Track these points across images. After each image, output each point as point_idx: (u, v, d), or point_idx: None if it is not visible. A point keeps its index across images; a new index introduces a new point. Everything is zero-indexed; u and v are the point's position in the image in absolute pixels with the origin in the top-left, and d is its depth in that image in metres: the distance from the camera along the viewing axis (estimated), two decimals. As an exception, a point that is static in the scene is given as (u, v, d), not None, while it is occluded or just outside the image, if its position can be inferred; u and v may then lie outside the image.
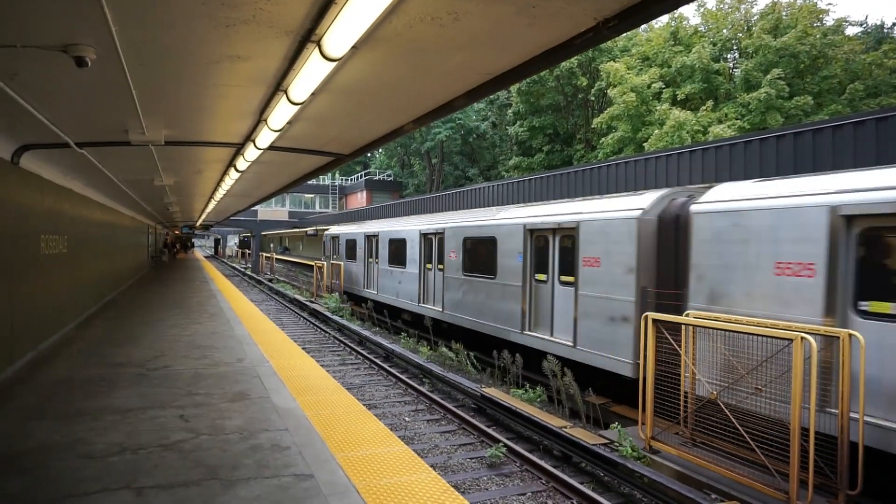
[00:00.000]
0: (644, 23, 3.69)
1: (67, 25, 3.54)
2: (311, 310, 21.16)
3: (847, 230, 6.06)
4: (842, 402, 5.32)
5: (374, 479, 4.33)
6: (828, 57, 27.88)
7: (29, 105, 5.35)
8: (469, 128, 48.75)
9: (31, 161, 7.74)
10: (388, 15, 3.33)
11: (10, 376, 7.13)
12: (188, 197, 18.72)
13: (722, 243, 7.27)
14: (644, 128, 29.01)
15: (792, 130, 10.36)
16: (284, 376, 7.43)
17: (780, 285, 6.53)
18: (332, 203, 60.74)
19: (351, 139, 7.72)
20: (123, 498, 3.84)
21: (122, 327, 11.20)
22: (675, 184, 12.30)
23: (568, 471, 7.03)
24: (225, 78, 4.80)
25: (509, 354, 10.75)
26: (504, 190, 19.88)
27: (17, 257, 7.35)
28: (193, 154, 9.27)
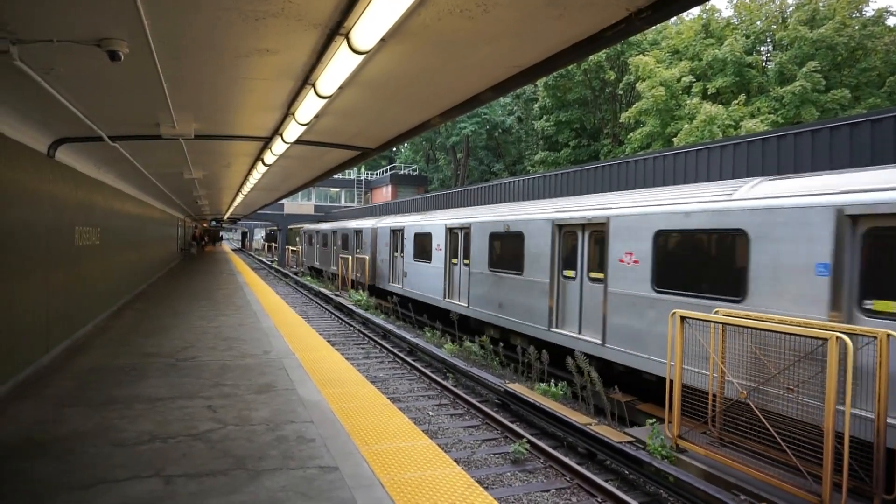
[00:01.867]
0: (677, 13, 3.60)
1: (101, 19, 3.59)
2: (336, 303, 21.33)
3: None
4: (878, 403, 5.16)
5: (399, 473, 4.34)
6: (867, 49, 27.04)
7: (64, 99, 5.46)
8: (495, 122, 48.48)
9: (66, 154, 7.92)
10: (417, 7, 3.31)
11: (45, 364, 7.32)
12: (216, 190, 18.99)
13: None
14: (673, 122, 28.51)
15: (828, 125, 10.05)
16: (310, 368, 7.49)
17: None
18: (358, 197, 61.06)
19: (377, 133, 7.73)
20: (152, 485, 3.91)
21: (153, 318, 11.42)
22: (704, 179, 12.07)
23: (592, 468, 6.97)
24: (253, 71, 4.84)
25: (535, 350, 10.66)
26: (530, 185, 19.73)
27: (53, 248, 7.53)
28: (222, 148, 9.38)
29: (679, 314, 6.70)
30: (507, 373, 11.63)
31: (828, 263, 6.27)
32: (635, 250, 8.91)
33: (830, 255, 6.26)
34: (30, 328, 6.83)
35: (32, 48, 4.01)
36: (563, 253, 10.97)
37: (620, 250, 9.20)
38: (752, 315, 6.54)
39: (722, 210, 7.59)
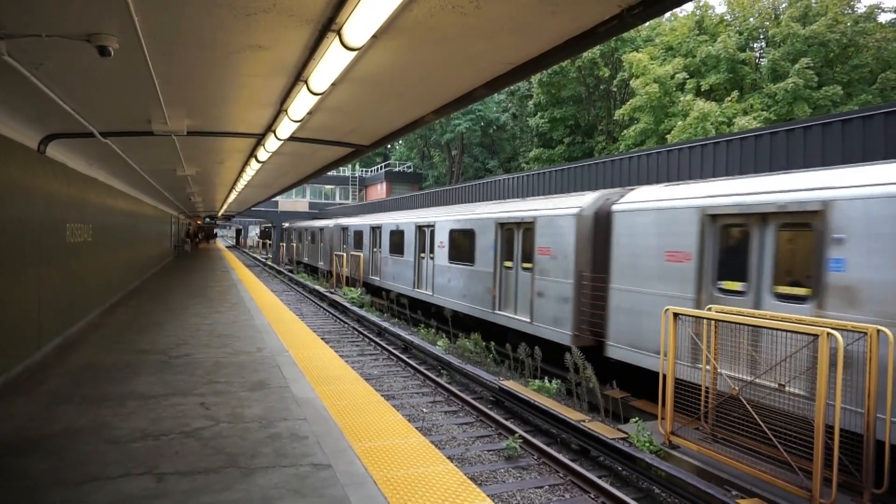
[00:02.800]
0: (669, 10, 3.60)
1: (90, 14, 3.56)
2: (330, 300, 21.30)
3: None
4: (867, 398, 5.20)
5: (392, 470, 4.34)
6: (859, 45, 27.16)
7: (54, 94, 5.42)
8: (489, 119, 48.44)
9: (57, 150, 7.86)
10: (409, 3, 3.29)
11: (38, 361, 7.28)
12: (210, 187, 18.91)
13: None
14: (667, 119, 28.59)
15: (820, 121, 10.11)
16: (303, 366, 7.49)
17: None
18: (353, 194, 60.93)
19: (371, 130, 7.71)
20: (145, 483, 3.90)
21: (146, 315, 11.38)
22: (697, 176, 12.11)
23: (585, 464, 7.00)
24: (246, 67, 4.81)
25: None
26: (523, 182, 19.75)
27: (44, 245, 7.48)
28: (215, 144, 9.34)
29: (672, 311, 6.73)
30: (502, 370, 11.65)
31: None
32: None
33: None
34: (21, 325, 6.79)
35: (21, 43, 3.97)
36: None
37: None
38: (745, 311, 6.58)
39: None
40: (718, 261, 7.76)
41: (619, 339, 9.36)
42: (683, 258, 8.09)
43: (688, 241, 8.04)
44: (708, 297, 7.73)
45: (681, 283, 8.12)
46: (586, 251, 10.44)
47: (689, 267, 8.01)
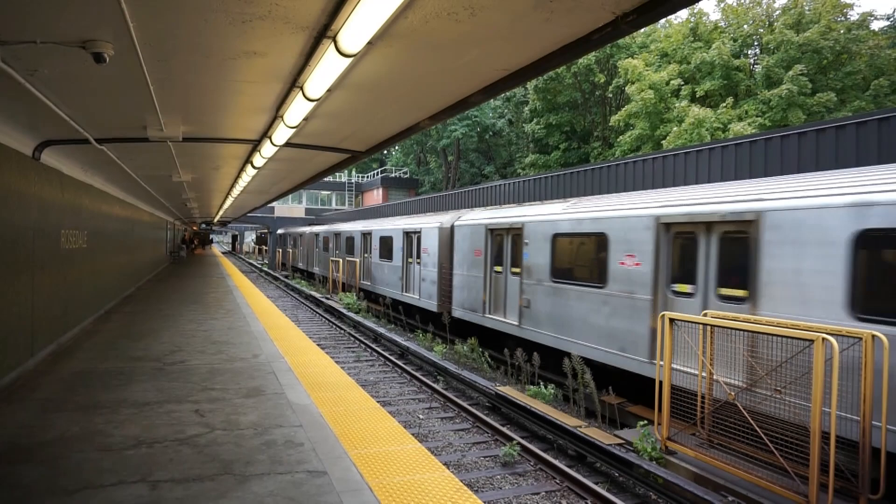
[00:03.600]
0: (663, 17, 3.62)
1: (85, 21, 3.56)
2: (326, 306, 21.26)
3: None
4: (863, 404, 5.21)
5: (387, 477, 4.33)
6: (852, 52, 27.31)
7: (49, 101, 5.41)
8: (485, 125, 48.57)
9: (52, 156, 7.85)
10: (404, 10, 3.31)
11: (31, 368, 7.24)
12: (206, 193, 18.89)
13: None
14: (662, 125, 28.69)
15: (814, 127, 10.16)
16: (299, 372, 7.46)
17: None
18: (349, 200, 60.93)
19: (367, 136, 7.72)
20: (139, 491, 3.87)
21: (141, 322, 11.33)
22: (693, 182, 12.15)
23: (582, 470, 6.98)
24: (241, 74, 4.81)
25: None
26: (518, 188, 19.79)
27: (39, 251, 7.46)
28: (211, 150, 9.33)
29: (668, 316, 6.74)
30: (498, 375, 11.63)
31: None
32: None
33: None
34: (14, 332, 6.75)
35: (15, 49, 3.97)
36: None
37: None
38: (741, 317, 6.59)
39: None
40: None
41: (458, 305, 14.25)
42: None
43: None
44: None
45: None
46: (445, 250, 14.91)
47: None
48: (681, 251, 8.23)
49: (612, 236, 9.25)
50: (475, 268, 13.64)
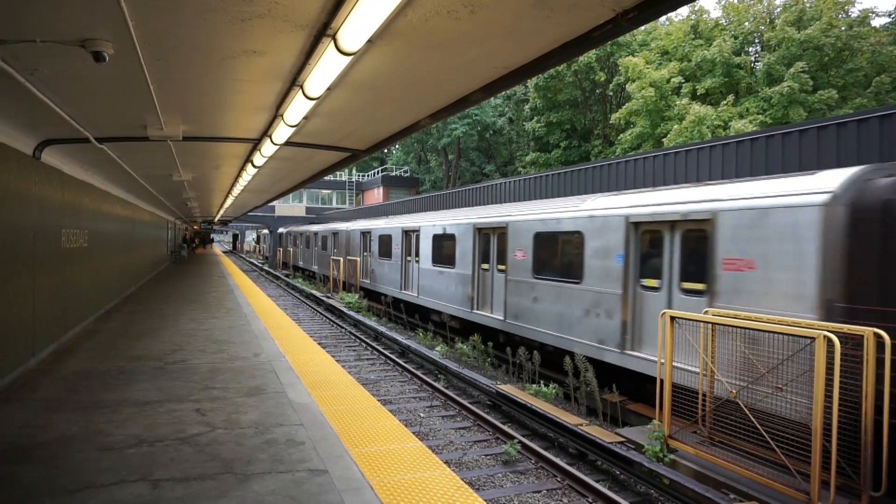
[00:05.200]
0: (663, 14, 3.61)
1: (85, 20, 3.56)
2: (327, 305, 21.26)
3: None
4: (865, 400, 5.20)
5: (388, 476, 4.33)
6: (853, 49, 27.25)
7: (49, 100, 5.40)
8: (486, 124, 48.50)
9: (52, 156, 7.84)
10: (404, 8, 3.29)
11: (32, 367, 7.25)
12: (206, 192, 18.88)
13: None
14: (663, 123, 28.64)
15: (815, 125, 10.14)
16: (300, 371, 7.46)
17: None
18: (349, 199, 60.93)
19: (367, 135, 7.71)
20: (140, 490, 3.88)
21: (142, 321, 11.34)
22: (693, 179, 12.14)
23: (583, 469, 6.98)
24: (241, 73, 4.81)
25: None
26: (519, 186, 19.77)
27: (39, 251, 7.46)
28: (211, 149, 9.33)
29: (669, 314, 6.73)
30: (499, 374, 11.63)
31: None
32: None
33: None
34: (15, 331, 6.76)
35: (15, 48, 3.96)
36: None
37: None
38: (741, 315, 6.58)
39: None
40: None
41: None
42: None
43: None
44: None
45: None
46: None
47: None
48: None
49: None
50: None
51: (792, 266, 6.56)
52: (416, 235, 17.80)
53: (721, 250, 7.34)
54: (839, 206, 6.28)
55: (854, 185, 6.40)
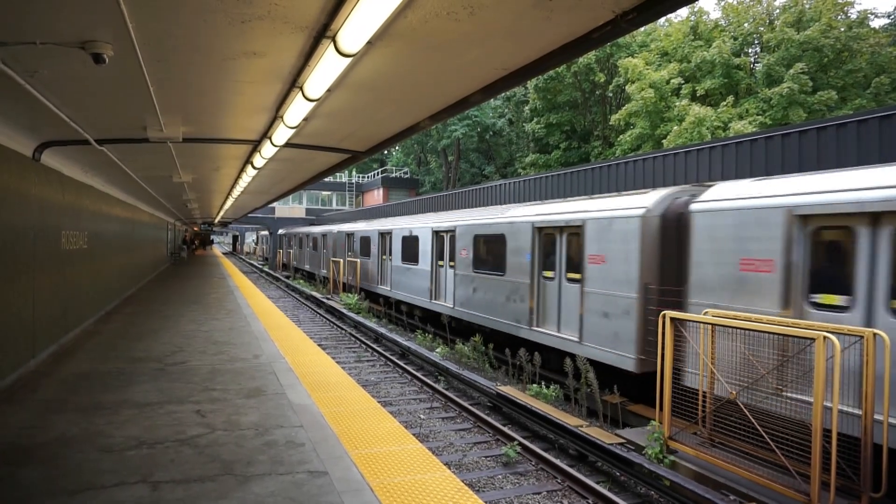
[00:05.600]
0: (663, 15, 3.61)
1: (85, 22, 3.56)
2: (327, 307, 21.26)
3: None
4: (865, 401, 5.20)
5: (388, 477, 4.32)
6: (853, 50, 27.27)
7: (49, 102, 5.41)
8: (485, 125, 48.51)
9: (52, 158, 7.85)
10: (403, 10, 3.30)
11: (32, 369, 7.25)
12: (206, 193, 18.89)
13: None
14: (663, 124, 28.64)
15: (815, 126, 10.15)
16: (300, 373, 7.46)
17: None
18: (349, 200, 60.93)
19: (367, 136, 7.71)
20: (139, 492, 3.87)
21: (142, 322, 11.34)
22: (693, 180, 12.15)
23: (584, 470, 6.98)
24: (241, 74, 4.81)
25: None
26: (518, 187, 19.80)
27: (39, 252, 7.46)
28: (211, 151, 9.33)
29: (669, 315, 6.72)
30: (499, 375, 11.63)
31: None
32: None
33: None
34: (15, 333, 6.76)
35: (15, 51, 3.96)
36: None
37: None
38: (741, 315, 6.58)
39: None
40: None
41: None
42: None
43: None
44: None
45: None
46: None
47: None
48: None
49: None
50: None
51: (623, 259, 9.03)
52: (390, 237, 20.32)
53: (588, 249, 9.80)
54: (652, 217, 8.76)
55: (663, 202, 8.83)
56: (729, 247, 7.31)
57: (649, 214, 8.77)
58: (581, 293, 9.92)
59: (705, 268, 7.62)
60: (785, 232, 6.61)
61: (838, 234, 6.39)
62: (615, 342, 9.10)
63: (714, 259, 7.51)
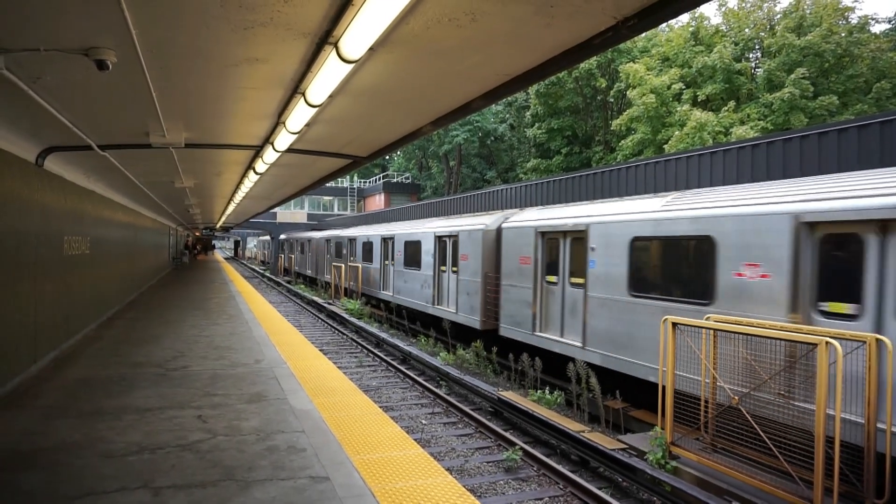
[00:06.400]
0: (664, 21, 3.62)
1: (88, 28, 3.58)
2: (328, 311, 21.25)
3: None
4: (867, 407, 5.18)
5: (390, 483, 4.31)
6: (854, 55, 27.31)
7: (52, 108, 5.43)
8: (487, 130, 48.61)
9: (55, 163, 7.87)
10: (406, 16, 3.31)
11: (33, 374, 7.25)
12: (208, 199, 18.92)
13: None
14: (664, 129, 28.68)
15: (816, 131, 10.15)
16: (301, 378, 7.45)
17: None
18: (351, 205, 61.01)
19: (368, 141, 7.73)
20: (141, 497, 3.87)
21: (143, 327, 11.34)
22: (695, 185, 12.16)
23: (586, 475, 6.96)
24: (243, 80, 4.83)
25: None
26: (520, 193, 19.81)
27: (41, 258, 7.47)
28: (213, 156, 9.36)
29: (671, 320, 6.71)
30: (501, 380, 11.61)
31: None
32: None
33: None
34: (17, 338, 6.76)
35: (19, 57, 3.99)
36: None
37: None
38: (743, 321, 6.57)
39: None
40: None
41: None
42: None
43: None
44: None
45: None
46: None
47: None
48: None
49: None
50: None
51: (475, 256, 13.67)
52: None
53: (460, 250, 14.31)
54: (489, 231, 13.50)
55: (496, 221, 13.44)
56: (514, 249, 12.25)
57: (487, 229, 13.54)
58: (457, 281, 14.67)
59: (507, 262, 12.52)
60: (535, 241, 11.56)
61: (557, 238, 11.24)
62: (471, 311, 13.91)
63: (509, 256, 12.43)
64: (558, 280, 10.99)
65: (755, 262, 6.95)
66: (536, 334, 11.33)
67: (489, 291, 13.13)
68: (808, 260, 6.44)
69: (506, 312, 12.41)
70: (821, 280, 6.35)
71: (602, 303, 9.57)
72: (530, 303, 11.55)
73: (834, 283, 6.27)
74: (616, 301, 9.23)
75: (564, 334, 10.77)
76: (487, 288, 13.16)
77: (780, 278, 6.62)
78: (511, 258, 12.15)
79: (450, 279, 15.51)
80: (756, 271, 6.92)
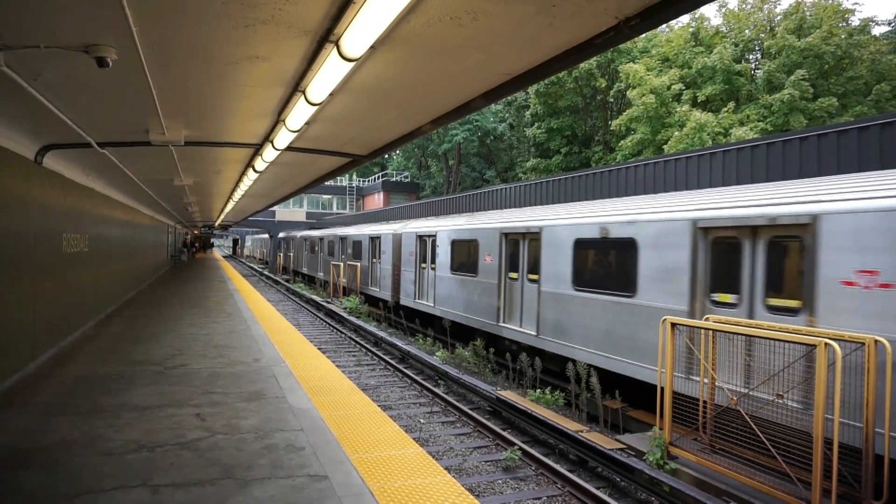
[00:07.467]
0: (666, 22, 3.62)
1: (89, 26, 3.57)
2: (327, 310, 21.25)
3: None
4: (866, 409, 5.19)
5: (389, 481, 4.31)
6: (853, 57, 27.31)
7: (51, 105, 5.42)
8: (486, 129, 48.58)
9: (54, 161, 7.86)
10: (407, 15, 3.31)
11: (32, 372, 7.24)
12: (207, 197, 18.91)
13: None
14: (664, 130, 28.66)
15: (815, 132, 10.17)
16: (300, 376, 7.45)
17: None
18: (350, 204, 60.98)
19: (368, 140, 7.72)
20: (139, 496, 3.87)
21: (142, 325, 11.33)
22: (694, 186, 12.18)
23: (584, 475, 6.96)
24: (244, 78, 4.82)
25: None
26: (518, 192, 19.82)
27: (40, 255, 7.46)
28: (212, 154, 9.35)
29: (670, 321, 6.72)
30: (499, 380, 11.61)
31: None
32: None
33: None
34: (16, 336, 6.75)
35: (19, 54, 3.98)
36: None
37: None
38: (743, 322, 6.58)
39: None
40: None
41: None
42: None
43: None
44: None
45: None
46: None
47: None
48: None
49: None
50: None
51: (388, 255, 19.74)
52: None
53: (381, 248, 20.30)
54: (397, 235, 19.15)
55: (402, 228, 19.07)
56: (408, 248, 17.52)
57: (395, 234, 19.18)
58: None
59: (402, 257, 17.58)
60: (417, 242, 17.10)
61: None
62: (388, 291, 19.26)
63: (404, 252, 17.74)
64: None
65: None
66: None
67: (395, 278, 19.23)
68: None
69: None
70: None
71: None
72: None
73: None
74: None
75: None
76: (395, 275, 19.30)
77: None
78: (404, 253, 18.20)
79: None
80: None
